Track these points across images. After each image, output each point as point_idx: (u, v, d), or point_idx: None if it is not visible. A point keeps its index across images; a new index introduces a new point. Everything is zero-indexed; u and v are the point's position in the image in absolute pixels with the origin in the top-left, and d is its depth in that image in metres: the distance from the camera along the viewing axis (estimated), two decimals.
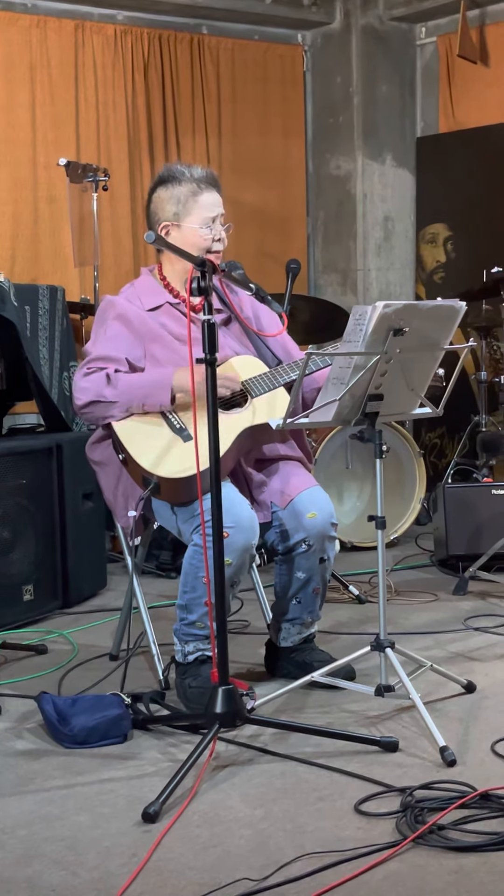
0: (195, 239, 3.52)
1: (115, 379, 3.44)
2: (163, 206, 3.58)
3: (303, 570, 3.55)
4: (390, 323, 3.06)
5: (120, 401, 3.43)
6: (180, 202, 3.55)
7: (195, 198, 3.55)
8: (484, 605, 4.64)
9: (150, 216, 3.63)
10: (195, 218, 3.54)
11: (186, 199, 3.55)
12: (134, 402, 3.43)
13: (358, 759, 3.00)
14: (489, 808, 2.65)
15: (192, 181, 3.56)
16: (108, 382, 3.43)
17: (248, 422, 3.46)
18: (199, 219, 3.54)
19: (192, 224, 3.54)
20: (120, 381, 3.44)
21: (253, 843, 2.56)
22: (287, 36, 7.32)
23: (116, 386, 3.43)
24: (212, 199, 3.56)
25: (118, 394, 3.43)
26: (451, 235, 7.13)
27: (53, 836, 2.64)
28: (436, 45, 7.18)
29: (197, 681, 3.42)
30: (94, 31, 6.52)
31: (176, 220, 3.56)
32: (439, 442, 7.13)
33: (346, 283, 7.34)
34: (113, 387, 3.43)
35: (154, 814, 2.68)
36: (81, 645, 4.20)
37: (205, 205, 3.55)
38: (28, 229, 6.29)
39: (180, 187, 3.56)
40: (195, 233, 3.54)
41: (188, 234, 3.54)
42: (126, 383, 3.44)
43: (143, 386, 3.43)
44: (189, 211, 3.55)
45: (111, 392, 3.43)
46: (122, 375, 3.46)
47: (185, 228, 3.55)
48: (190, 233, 3.54)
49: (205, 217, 3.54)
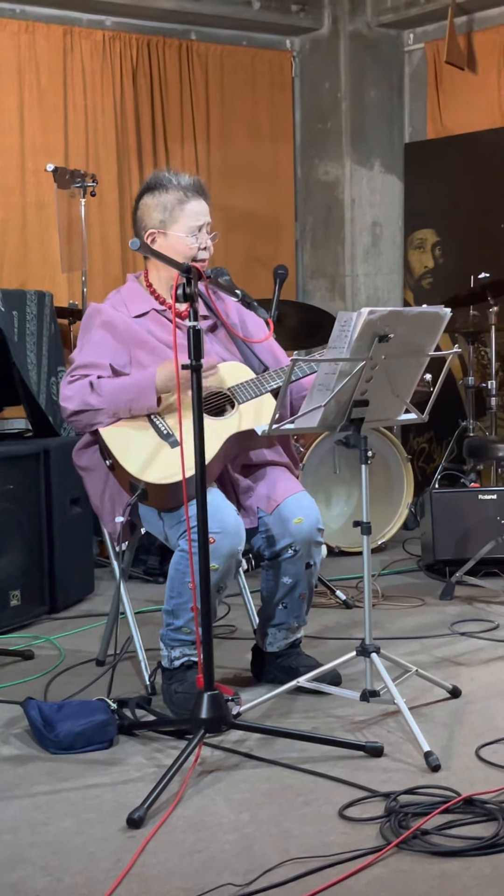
0: (181, 247, 3.53)
1: (99, 385, 3.44)
2: (149, 214, 3.59)
3: (289, 575, 3.56)
4: (375, 329, 3.07)
5: (106, 407, 3.44)
6: (167, 210, 3.56)
7: (182, 206, 3.55)
8: (470, 609, 4.65)
9: (136, 223, 3.64)
10: (181, 226, 3.55)
11: (173, 206, 3.55)
12: (120, 406, 3.44)
13: (343, 764, 3.01)
14: (473, 813, 2.66)
15: (179, 189, 3.56)
16: (92, 390, 3.44)
17: (234, 428, 3.47)
18: (185, 227, 3.55)
19: (177, 232, 3.55)
20: (103, 388, 3.44)
21: (237, 848, 2.57)
22: (275, 42, 7.33)
23: (101, 393, 3.44)
24: (198, 208, 3.57)
25: (103, 400, 3.43)
26: (438, 241, 7.15)
27: (38, 841, 2.64)
28: (424, 51, 7.19)
29: (183, 686, 3.43)
30: (82, 37, 6.52)
31: (162, 228, 3.57)
32: (427, 447, 7.14)
33: (335, 288, 7.35)
34: (97, 394, 3.44)
35: (139, 819, 2.68)
36: (68, 650, 4.20)
37: (191, 213, 3.55)
38: (16, 234, 6.29)
39: (167, 195, 3.57)
40: (181, 241, 3.54)
41: (174, 242, 3.54)
42: (110, 389, 3.44)
43: (127, 390, 3.44)
44: (175, 219, 3.55)
45: (96, 399, 3.43)
46: (104, 381, 3.46)
47: (170, 236, 3.56)
48: (176, 241, 3.55)
49: (191, 225, 3.55)
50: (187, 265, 3.04)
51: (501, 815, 2.61)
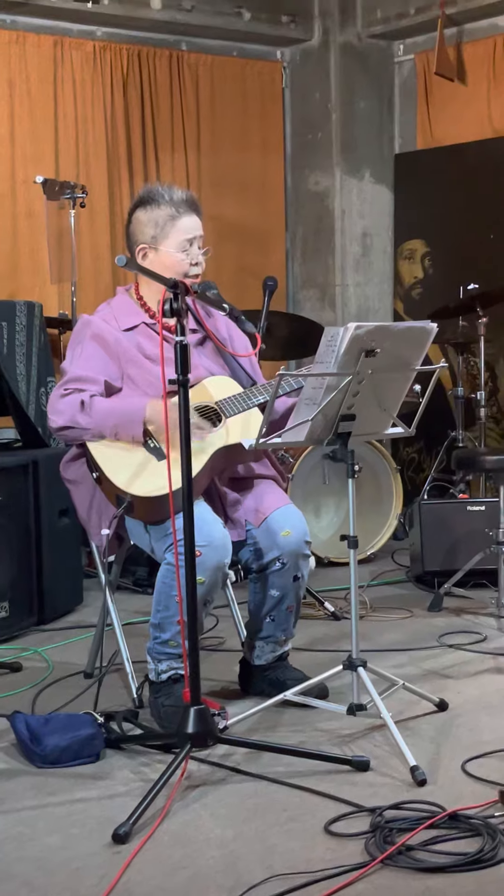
0: (171, 263, 3.53)
1: (90, 406, 3.44)
2: (141, 229, 3.58)
3: (276, 587, 3.57)
4: (362, 344, 3.08)
5: (93, 428, 3.45)
6: (158, 225, 3.55)
7: (173, 222, 3.55)
8: (459, 621, 4.66)
9: (128, 237, 3.64)
10: (172, 242, 3.55)
11: (165, 222, 3.55)
12: (106, 430, 3.44)
13: (329, 779, 3.01)
14: (458, 829, 2.66)
15: (170, 204, 3.56)
16: (83, 409, 3.44)
17: (221, 442, 3.48)
18: (176, 243, 3.55)
19: (168, 248, 3.55)
20: (94, 409, 3.44)
21: (223, 864, 2.57)
22: (266, 52, 7.35)
23: (90, 414, 3.44)
24: (190, 223, 3.57)
25: (91, 422, 3.44)
26: (428, 251, 7.17)
27: (24, 856, 2.64)
28: (414, 62, 7.21)
29: (170, 699, 3.43)
30: (73, 47, 6.53)
31: (153, 244, 3.56)
32: (417, 456, 7.15)
33: (325, 297, 7.36)
34: (87, 414, 3.44)
35: (124, 835, 2.68)
36: (56, 662, 4.20)
37: (182, 229, 3.55)
38: (6, 244, 6.29)
39: (159, 210, 3.56)
40: (171, 257, 3.54)
41: (164, 258, 3.54)
42: (99, 412, 3.44)
43: (115, 415, 3.44)
44: (167, 234, 3.55)
45: (84, 419, 3.44)
46: (96, 402, 3.45)
47: (161, 252, 3.56)
48: (166, 256, 3.55)
49: (181, 241, 3.55)
50: (174, 280, 3.04)
51: (486, 831, 2.62)
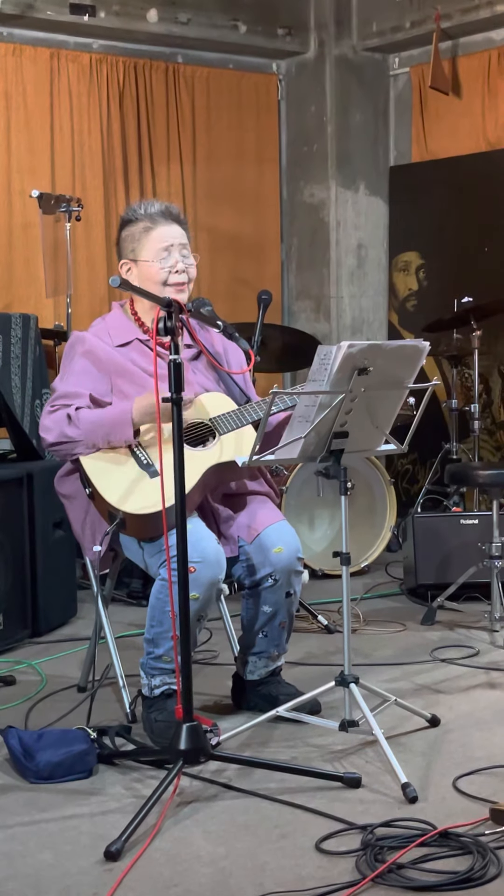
0: (150, 273, 3.58)
1: (77, 418, 3.46)
2: (123, 246, 3.67)
3: (269, 604, 3.58)
4: (355, 362, 3.10)
5: (83, 439, 3.46)
6: (135, 239, 3.62)
7: (148, 233, 3.61)
8: (452, 635, 4.67)
9: (117, 257, 3.71)
10: (148, 251, 3.59)
11: (140, 235, 3.61)
12: (98, 439, 3.46)
13: (321, 795, 3.02)
14: (448, 847, 2.67)
15: (145, 218, 3.63)
16: (70, 422, 3.45)
17: (214, 459, 3.49)
18: (152, 251, 3.59)
19: (145, 258, 3.60)
20: (81, 420, 3.46)
21: (214, 882, 2.58)
22: (261, 65, 7.37)
23: (78, 425, 3.45)
24: (166, 232, 3.61)
25: (81, 433, 3.45)
26: (423, 264, 7.19)
27: (16, 873, 2.65)
28: (409, 75, 7.25)
29: (163, 714, 3.44)
30: (69, 60, 6.55)
31: (133, 257, 3.63)
32: (411, 468, 7.17)
33: (320, 309, 7.38)
34: (75, 426, 3.45)
35: (116, 852, 2.69)
36: (50, 676, 4.20)
37: (156, 237, 3.60)
38: (1, 255, 6.31)
39: (135, 226, 3.64)
40: (150, 266, 3.58)
41: (144, 269, 3.59)
42: (87, 421, 3.46)
43: (104, 423, 3.45)
44: (143, 246, 3.60)
45: (74, 431, 3.45)
46: (82, 413, 3.47)
47: (140, 263, 3.61)
48: (145, 267, 3.59)
49: (157, 249, 3.59)
50: (168, 299, 3.05)
51: (476, 849, 2.63)
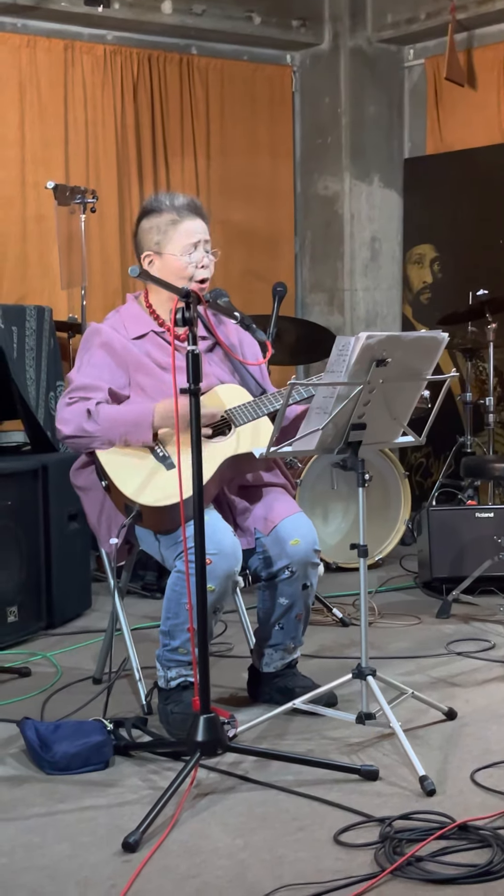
0: (176, 267, 3.54)
1: (97, 413, 3.44)
2: (146, 237, 3.60)
3: (285, 596, 3.57)
4: (373, 354, 3.08)
5: (101, 436, 3.44)
6: (161, 231, 3.57)
7: (175, 226, 3.56)
8: (467, 628, 4.66)
9: (136, 247, 3.66)
10: (175, 245, 3.55)
11: (167, 227, 3.56)
12: (115, 437, 3.44)
13: (338, 788, 3.01)
14: (467, 840, 2.66)
15: (172, 210, 3.57)
16: (89, 417, 3.44)
17: (231, 450, 3.48)
18: (179, 246, 3.55)
19: (172, 252, 3.55)
20: (101, 416, 3.44)
21: (231, 874, 2.57)
22: (276, 57, 7.35)
23: (97, 421, 3.44)
24: (193, 226, 3.57)
25: (100, 429, 3.44)
26: (437, 256, 7.17)
27: (33, 865, 2.65)
28: (424, 67, 7.22)
29: (179, 707, 3.43)
30: (83, 51, 6.55)
31: (157, 249, 3.57)
32: (425, 461, 7.16)
33: (334, 302, 7.37)
34: (94, 421, 3.44)
35: (134, 843, 2.69)
36: (65, 667, 4.20)
37: (184, 232, 3.56)
38: (16, 248, 6.31)
39: (161, 217, 3.58)
40: (176, 260, 3.55)
41: (169, 263, 3.55)
42: (107, 419, 3.44)
43: (124, 422, 3.44)
44: (170, 239, 3.56)
45: (93, 427, 3.44)
46: (103, 409, 3.46)
47: (166, 256, 3.56)
48: (171, 260, 3.55)
49: (185, 244, 3.55)
50: (186, 290, 3.04)
51: (495, 842, 2.62)
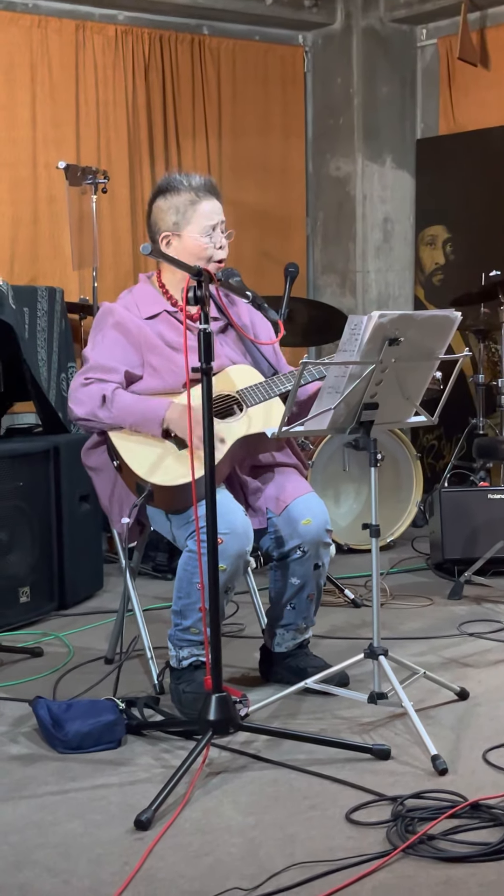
0: (196, 248, 3.52)
1: (111, 401, 3.45)
2: (162, 217, 3.57)
3: (297, 576, 3.57)
4: (385, 333, 3.07)
5: (112, 423, 3.47)
6: (179, 212, 3.54)
7: (194, 206, 3.54)
8: (479, 609, 4.65)
9: (150, 227, 3.62)
10: (195, 227, 3.54)
11: (185, 208, 3.54)
12: (125, 424, 3.47)
13: (350, 767, 3.02)
14: (479, 819, 2.66)
15: (190, 190, 3.55)
16: (104, 403, 3.45)
17: (243, 431, 3.47)
18: (199, 227, 3.53)
19: (192, 233, 3.54)
20: (115, 405, 3.45)
21: (244, 852, 2.58)
22: (288, 37, 7.32)
23: (111, 409, 3.45)
24: (211, 207, 3.56)
25: (111, 416, 3.45)
26: (450, 238, 7.14)
27: (46, 842, 2.66)
28: (436, 47, 7.17)
29: (191, 686, 3.44)
30: (94, 32, 6.52)
31: (176, 230, 3.55)
32: (437, 443, 7.14)
33: (346, 284, 7.34)
34: (107, 409, 3.45)
35: (146, 821, 2.70)
36: (77, 647, 4.21)
37: (204, 213, 3.54)
38: (27, 230, 6.29)
39: (179, 197, 3.55)
40: (196, 242, 3.53)
41: (188, 244, 3.54)
42: (120, 408, 3.45)
43: (136, 413, 3.45)
44: (189, 220, 3.54)
45: (104, 414, 3.45)
46: (117, 397, 3.46)
47: (185, 238, 3.54)
48: (190, 242, 3.54)
49: (204, 225, 3.54)
50: (198, 268, 3.03)
51: None
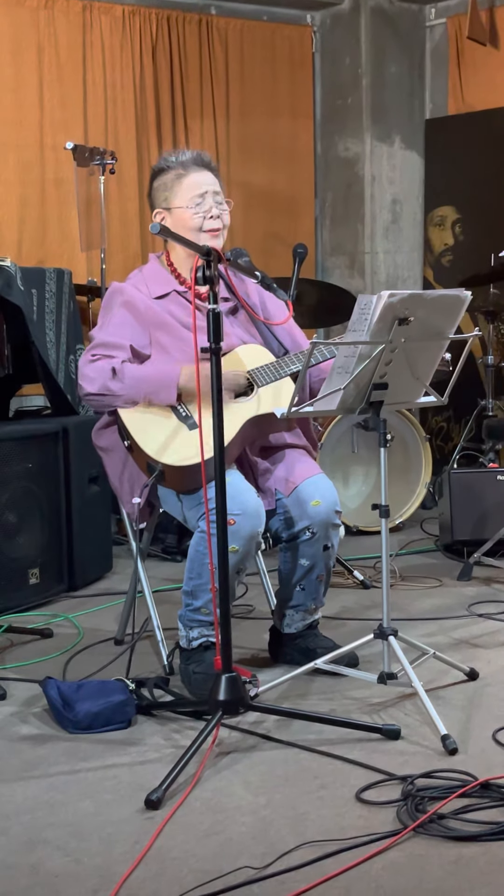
0: (185, 219, 3.54)
1: (121, 372, 3.44)
2: (156, 195, 3.64)
3: (307, 557, 3.57)
4: (395, 312, 3.06)
5: (125, 394, 3.44)
6: (168, 188, 3.59)
7: (180, 180, 3.58)
8: (488, 590, 4.65)
9: (150, 209, 3.68)
10: (181, 199, 3.57)
11: (172, 183, 3.59)
12: (140, 396, 3.45)
13: (360, 747, 3.02)
14: (489, 798, 2.67)
15: (177, 166, 3.60)
16: (114, 376, 3.44)
17: (253, 411, 3.47)
18: (186, 199, 3.56)
19: (178, 204, 3.57)
20: (125, 375, 3.44)
21: (254, 831, 2.58)
22: (296, 17, 7.28)
23: (122, 380, 3.44)
24: (199, 178, 3.58)
25: (124, 388, 3.44)
26: (459, 218, 7.11)
27: (57, 822, 2.66)
28: (445, 26, 7.14)
29: (201, 667, 3.44)
30: (101, 12, 6.49)
31: (166, 205, 3.60)
32: (446, 425, 7.13)
33: (354, 265, 7.32)
34: (119, 380, 3.44)
35: (157, 801, 2.70)
36: (87, 629, 4.22)
37: (189, 185, 3.57)
38: (35, 212, 6.28)
39: (167, 174, 3.61)
40: (184, 213, 3.55)
41: (178, 216, 3.56)
42: (132, 377, 3.44)
43: (149, 381, 3.44)
44: (175, 193, 3.58)
45: (117, 386, 3.44)
46: (127, 368, 3.46)
47: (174, 211, 3.58)
48: (179, 213, 3.56)
49: (191, 196, 3.56)
50: (207, 248, 3.02)
51: None
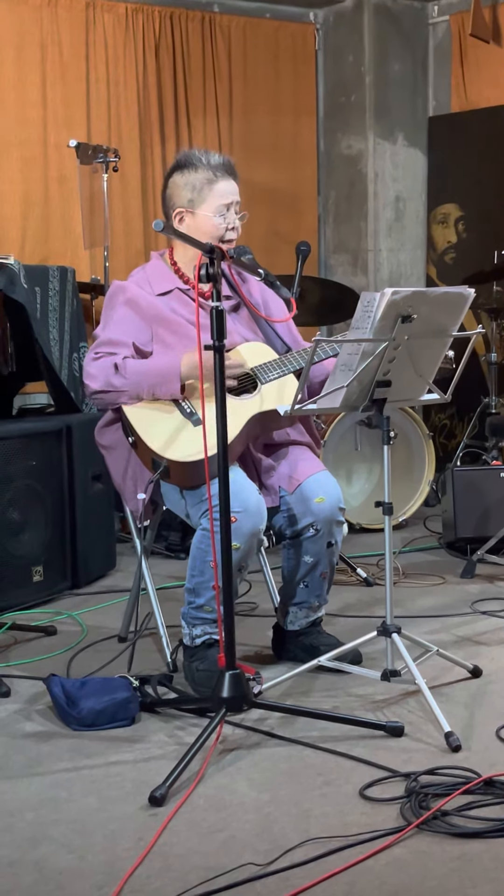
0: (208, 227, 3.52)
1: (124, 367, 3.44)
2: (178, 192, 3.57)
3: (310, 554, 3.57)
4: (399, 310, 3.06)
5: (129, 390, 3.44)
6: (195, 189, 3.54)
7: (210, 185, 3.53)
8: (491, 588, 4.65)
9: (165, 201, 3.62)
10: (209, 206, 3.53)
11: (202, 186, 3.53)
12: (143, 390, 3.44)
13: (363, 744, 3.02)
14: (493, 795, 2.67)
15: (208, 168, 3.54)
16: (117, 371, 3.44)
17: (256, 408, 3.47)
18: (213, 207, 3.53)
19: (205, 212, 3.53)
20: (128, 370, 3.44)
21: (258, 828, 2.58)
22: (299, 14, 7.28)
23: (125, 374, 3.44)
24: (227, 188, 3.55)
25: (127, 383, 3.44)
26: (462, 216, 7.11)
27: (61, 819, 2.67)
28: (448, 23, 7.13)
29: (204, 664, 3.45)
30: (104, 10, 6.49)
31: (190, 207, 3.55)
32: (449, 423, 7.13)
33: (357, 263, 7.32)
34: (121, 376, 3.44)
35: (160, 797, 2.70)
36: (90, 626, 4.22)
37: (220, 193, 3.53)
38: (38, 209, 6.28)
39: (196, 174, 3.54)
40: (209, 220, 3.53)
41: (201, 222, 3.53)
42: (134, 371, 3.44)
43: (151, 374, 3.44)
44: (204, 198, 3.53)
45: (120, 381, 3.44)
46: (129, 363, 3.46)
47: (198, 216, 3.54)
48: (203, 220, 3.53)
49: (219, 205, 3.53)
50: (210, 245, 3.02)
51: None
